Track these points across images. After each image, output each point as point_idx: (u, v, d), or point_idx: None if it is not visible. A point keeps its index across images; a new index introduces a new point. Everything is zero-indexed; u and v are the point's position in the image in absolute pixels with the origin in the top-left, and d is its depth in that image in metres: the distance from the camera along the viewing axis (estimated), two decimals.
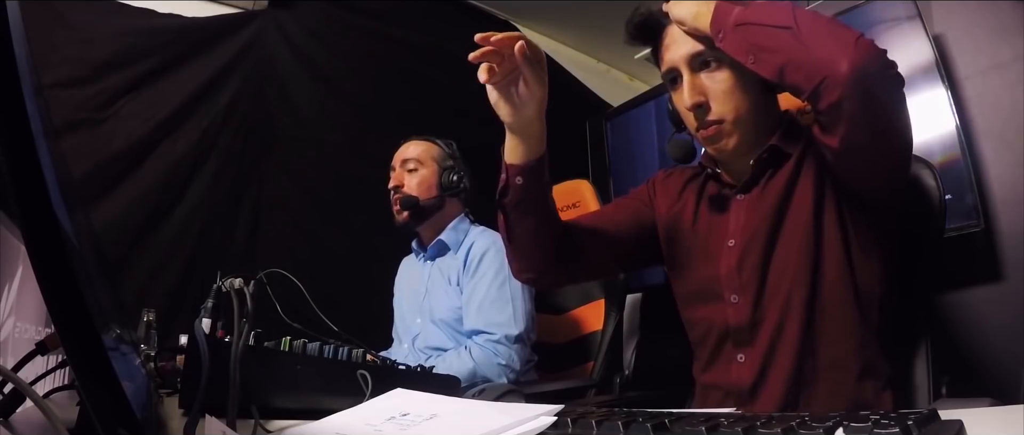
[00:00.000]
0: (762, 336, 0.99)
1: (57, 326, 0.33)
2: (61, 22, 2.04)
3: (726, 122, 0.99)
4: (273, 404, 0.73)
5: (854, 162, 0.92)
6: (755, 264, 1.00)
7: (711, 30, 0.94)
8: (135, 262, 2.07)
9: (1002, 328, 1.73)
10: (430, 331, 1.76)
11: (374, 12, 2.69)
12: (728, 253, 1.04)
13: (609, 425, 0.50)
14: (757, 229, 1.01)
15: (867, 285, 0.96)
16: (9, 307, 0.79)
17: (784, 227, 1.00)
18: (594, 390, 1.75)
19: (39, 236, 0.31)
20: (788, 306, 0.97)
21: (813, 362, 0.96)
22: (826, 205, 0.98)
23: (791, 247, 0.99)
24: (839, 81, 0.81)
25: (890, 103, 0.87)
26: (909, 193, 1.02)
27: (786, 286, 0.98)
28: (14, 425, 0.54)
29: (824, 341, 0.96)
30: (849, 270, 0.96)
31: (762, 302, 1.00)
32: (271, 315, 0.99)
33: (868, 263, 0.96)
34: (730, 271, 1.03)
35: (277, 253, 2.28)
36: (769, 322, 0.98)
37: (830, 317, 0.96)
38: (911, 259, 1.03)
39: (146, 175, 2.14)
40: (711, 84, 0.99)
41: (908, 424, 0.40)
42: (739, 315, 1.01)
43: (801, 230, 0.98)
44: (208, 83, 2.30)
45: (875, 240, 0.97)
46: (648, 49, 1.11)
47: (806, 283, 0.96)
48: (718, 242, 1.07)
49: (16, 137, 0.30)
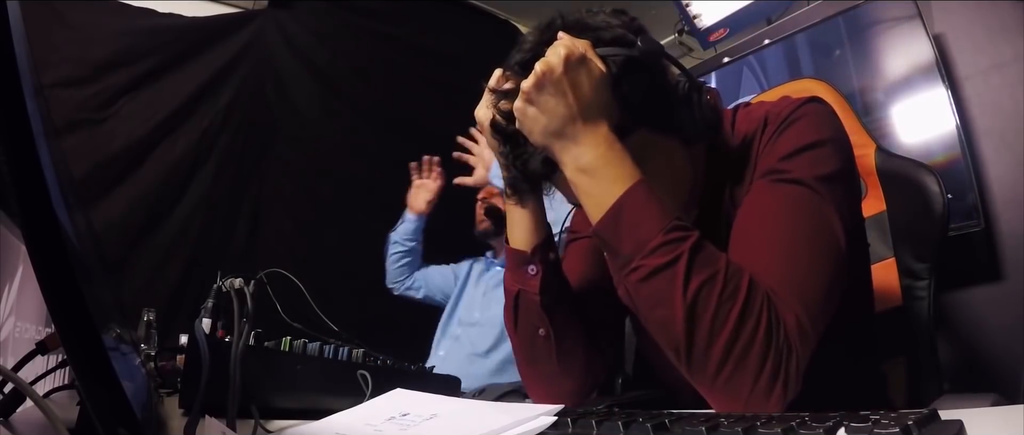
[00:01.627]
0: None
1: (57, 326, 0.33)
2: (61, 22, 2.05)
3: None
4: (273, 404, 0.73)
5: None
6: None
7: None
8: (135, 262, 2.08)
9: (1002, 328, 1.73)
10: (485, 332, 1.96)
11: (374, 12, 2.70)
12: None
13: (609, 425, 0.50)
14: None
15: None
16: (9, 307, 0.79)
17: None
18: (597, 390, 1.77)
19: (39, 236, 0.31)
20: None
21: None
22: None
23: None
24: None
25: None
26: (913, 197, 1.02)
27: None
28: (14, 425, 0.54)
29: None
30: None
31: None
32: (271, 315, 0.98)
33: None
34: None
35: (277, 253, 2.29)
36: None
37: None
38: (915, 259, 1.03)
39: (146, 175, 2.14)
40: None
41: (908, 424, 0.40)
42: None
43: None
44: (208, 83, 2.30)
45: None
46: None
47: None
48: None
49: (16, 137, 0.30)
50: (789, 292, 0.64)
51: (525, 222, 0.84)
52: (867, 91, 2.05)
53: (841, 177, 0.73)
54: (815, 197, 0.70)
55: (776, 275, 0.65)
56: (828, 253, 0.69)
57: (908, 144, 1.94)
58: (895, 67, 1.99)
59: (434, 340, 2.15)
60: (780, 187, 0.72)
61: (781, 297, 0.63)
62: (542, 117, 0.68)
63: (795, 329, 0.62)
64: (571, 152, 0.68)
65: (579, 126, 0.67)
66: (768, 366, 0.60)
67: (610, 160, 0.67)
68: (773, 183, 0.73)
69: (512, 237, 0.86)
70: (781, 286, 0.64)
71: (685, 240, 0.64)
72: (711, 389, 0.63)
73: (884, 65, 2.02)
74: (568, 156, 0.68)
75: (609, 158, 0.67)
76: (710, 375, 0.62)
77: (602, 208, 0.67)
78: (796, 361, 0.61)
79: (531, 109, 0.68)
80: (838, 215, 0.70)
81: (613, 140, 0.68)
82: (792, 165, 0.73)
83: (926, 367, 1.01)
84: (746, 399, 0.61)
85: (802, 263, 0.67)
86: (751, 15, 2.45)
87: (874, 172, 1.13)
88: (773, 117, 0.78)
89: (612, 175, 0.67)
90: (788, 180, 0.72)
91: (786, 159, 0.73)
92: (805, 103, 0.79)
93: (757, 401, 0.60)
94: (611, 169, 0.67)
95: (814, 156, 0.73)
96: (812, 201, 0.70)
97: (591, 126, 0.68)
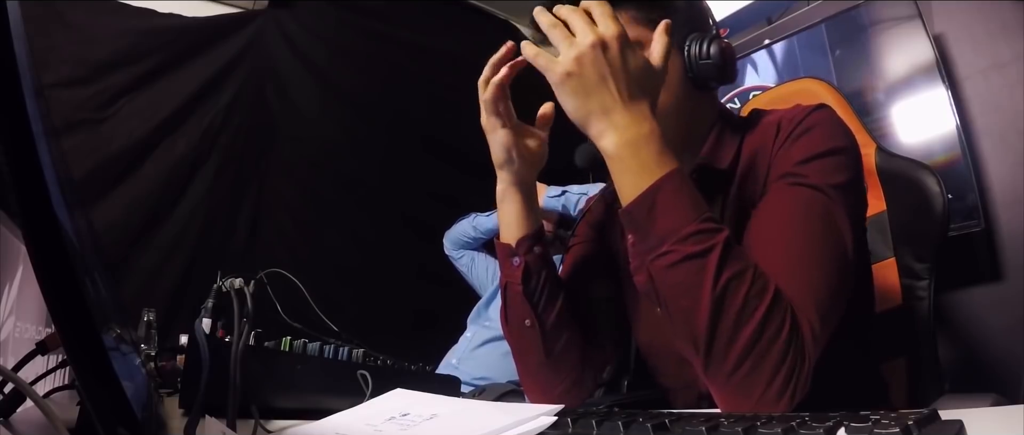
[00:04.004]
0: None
1: (57, 326, 0.33)
2: (61, 22, 2.04)
3: None
4: (273, 404, 0.73)
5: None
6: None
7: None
8: (135, 262, 2.07)
9: (1002, 328, 1.73)
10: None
11: (374, 12, 2.69)
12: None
13: (609, 425, 0.50)
14: None
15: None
16: (9, 307, 0.79)
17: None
18: (602, 390, 1.77)
19: (39, 236, 0.31)
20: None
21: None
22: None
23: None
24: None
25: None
26: (913, 197, 1.02)
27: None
28: (14, 425, 0.54)
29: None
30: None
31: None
32: (271, 315, 0.99)
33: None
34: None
35: (277, 253, 2.28)
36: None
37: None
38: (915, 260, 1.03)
39: (146, 175, 2.14)
40: None
41: (908, 424, 0.40)
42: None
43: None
44: (208, 83, 2.30)
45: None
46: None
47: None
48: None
49: (16, 137, 0.30)
50: (804, 299, 0.65)
51: (512, 214, 0.87)
52: (867, 91, 2.05)
53: (853, 187, 0.75)
54: (831, 205, 0.71)
55: (793, 282, 0.66)
56: (839, 262, 0.70)
57: (908, 144, 1.94)
58: (895, 67, 1.99)
59: (469, 319, 2.20)
60: (798, 191, 0.73)
61: (797, 304, 0.64)
62: (591, 84, 0.67)
63: (809, 336, 0.63)
64: (617, 125, 0.67)
65: (628, 100, 0.68)
66: (784, 369, 0.61)
67: (652, 140, 0.67)
68: (791, 186, 0.74)
69: (501, 230, 0.89)
70: (797, 293, 0.65)
71: (719, 232, 0.64)
72: (725, 386, 0.63)
73: (884, 65, 2.02)
74: (612, 129, 0.67)
75: (652, 138, 0.67)
76: (726, 372, 0.62)
77: (639, 187, 0.66)
78: (807, 367, 0.62)
79: (584, 73, 0.67)
80: (850, 224, 0.72)
81: (654, 121, 0.69)
82: (809, 170, 0.74)
83: (926, 367, 1.01)
84: (757, 399, 0.61)
85: (816, 272, 0.68)
86: (751, 15, 2.45)
87: (874, 172, 1.13)
88: (787, 122, 0.80)
89: (654, 156, 0.67)
90: (806, 184, 0.73)
91: (803, 164, 0.75)
92: (817, 109, 0.81)
93: (768, 402, 0.60)
94: (653, 149, 0.67)
95: (830, 163, 0.74)
96: (828, 209, 0.71)
97: (639, 102, 0.68)
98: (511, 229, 0.87)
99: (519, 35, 0.86)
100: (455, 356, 2.03)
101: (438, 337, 2.22)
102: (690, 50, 0.81)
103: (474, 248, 2.34)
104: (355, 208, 2.50)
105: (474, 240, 2.31)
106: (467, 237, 2.31)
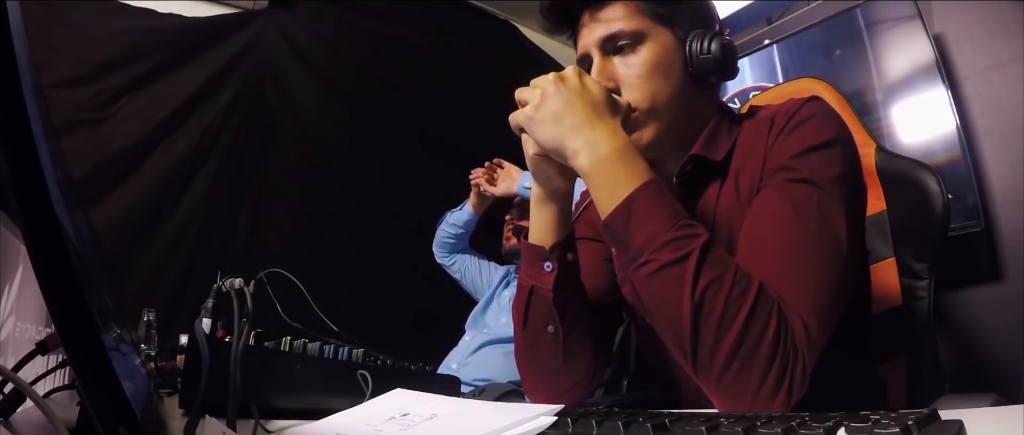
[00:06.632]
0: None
1: (57, 326, 0.33)
2: (61, 22, 2.04)
3: (639, 111, 0.81)
4: (273, 404, 0.73)
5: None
6: None
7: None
8: (135, 262, 2.07)
9: (1002, 328, 1.73)
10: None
11: (374, 12, 2.69)
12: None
13: (609, 425, 0.50)
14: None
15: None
16: (9, 307, 0.79)
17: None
18: (602, 390, 1.77)
19: (39, 236, 0.31)
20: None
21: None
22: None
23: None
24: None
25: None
26: (913, 197, 1.02)
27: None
28: (14, 425, 0.54)
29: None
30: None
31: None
32: (271, 315, 0.99)
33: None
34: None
35: (277, 253, 2.28)
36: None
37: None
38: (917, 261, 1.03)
39: (146, 175, 2.14)
40: (624, 69, 0.82)
41: (908, 424, 0.40)
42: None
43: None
44: (208, 83, 2.30)
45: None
46: (567, 34, 0.93)
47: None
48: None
49: (16, 137, 0.30)
50: (797, 297, 0.65)
51: (547, 219, 0.83)
52: (867, 91, 2.05)
53: (847, 178, 0.74)
54: (825, 199, 0.71)
55: (785, 280, 0.66)
56: (835, 258, 0.70)
57: (908, 144, 1.94)
58: (895, 67, 1.99)
59: (467, 324, 2.20)
60: (791, 187, 0.73)
61: (789, 302, 0.64)
62: (557, 110, 0.71)
63: (802, 334, 0.63)
64: (589, 142, 0.69)
65: (595, 118, 0.70)
66: (774, 369, 0.61)
67: (625, 153, 0.69)
68: (784, 183, 0.74)
69: (533, 233, 0.84)
70: (790, 291, 0.65)
71: (696, 238, 0.64)
72: (716, 389, 0.64)
73: (884, 65, 2.02)
74: (585, 146, 0.69)
75: (624, 151, 0.69)
76: (715, 375, 0.62)
77: (615, 200, 0.68)
78: (802, 366, 0.62)
79: (547, 105, 0.71)
80: (845, 216, 0.71)
81: (626, 135, 0.71)
82: (802, 163, 0.74)
83: (926, 367, 1.01)
84: (750, 400, 0.61)
85: (810, 268, 0.68)
86: (751, 15, 2.45)
87: (874, 172, 1.13)
88: (781, 116, 0.80)
89: (628, 169, 0.69)
90: (799, 179, 0.73)
91: (796, 158, 0.75)
92: (809, 102, 0.81)
93: (761, 403, 0.61)
94: (627, 162, 0.69)
95: (824, 156, 0.74)
96: (822, 204, 0.71)
97: (607, 119, 0.71)
98: (544, 231, 0.83)
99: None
100: (455, 361, 2.03)
101: (438, 336, 2.22)
102: (692, 46, 0.82)
103: (460, 248, 2.32)
104: (355, 208, 2.50)
105: (456, 237, 2.29)
106: (448, 237, 2.29)
